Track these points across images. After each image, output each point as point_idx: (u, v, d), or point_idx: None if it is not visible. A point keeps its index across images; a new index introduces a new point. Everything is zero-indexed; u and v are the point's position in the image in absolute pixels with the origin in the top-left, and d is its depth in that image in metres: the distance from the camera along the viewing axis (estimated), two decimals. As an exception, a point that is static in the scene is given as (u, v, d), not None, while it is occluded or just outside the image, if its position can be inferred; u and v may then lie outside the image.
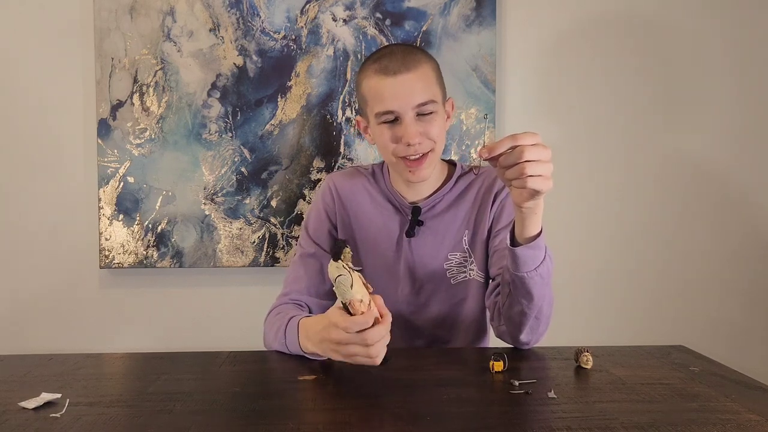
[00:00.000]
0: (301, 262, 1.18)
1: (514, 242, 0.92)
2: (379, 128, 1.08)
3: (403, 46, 1.10)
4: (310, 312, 1.13)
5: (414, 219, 1.15)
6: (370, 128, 1.12)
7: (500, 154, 0.82)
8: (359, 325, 0.80)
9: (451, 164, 1.22)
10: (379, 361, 0.82)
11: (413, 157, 1.07)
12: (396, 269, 1.16)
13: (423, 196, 1.16)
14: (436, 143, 1.08)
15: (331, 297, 1.20)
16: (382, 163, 1.22)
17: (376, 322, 0.80)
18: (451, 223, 1.15)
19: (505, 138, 0.81)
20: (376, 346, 0.81)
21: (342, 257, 0.78)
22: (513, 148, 0.81)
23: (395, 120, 1.06)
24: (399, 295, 1.16)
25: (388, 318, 0.82)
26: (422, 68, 1.06)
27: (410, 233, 1.14)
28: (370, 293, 0.81)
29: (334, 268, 0.79)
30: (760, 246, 1.76)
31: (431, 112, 1.06)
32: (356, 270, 0.80)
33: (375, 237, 1.17)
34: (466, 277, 1.15)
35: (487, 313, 1.17)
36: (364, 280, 0.81)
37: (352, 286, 0.78)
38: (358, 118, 1.17)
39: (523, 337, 1.00)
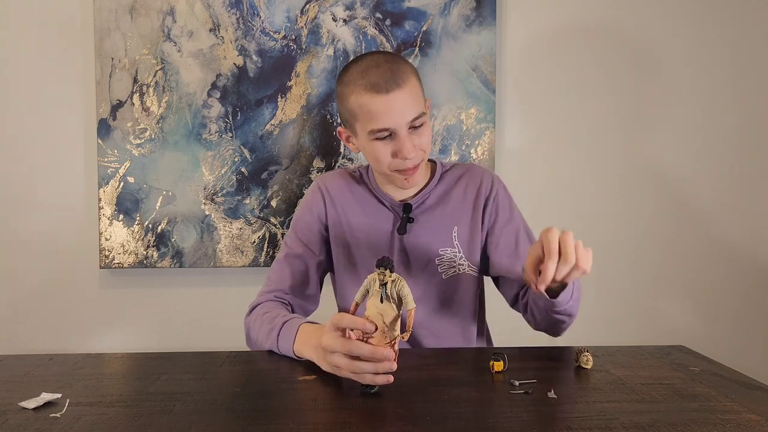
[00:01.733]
0: (287, 261, 1.18)
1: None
2: (371, 144, 1.09)
3: (385, 56, 1.11)
4: (292, 311, 1.14)
5: (405, 216, 1.16)
6: (358, 141, 1.13)
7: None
8: (350, 323, 0.80)
9: (431, 162, 1.24)
10: (362, 379, 0.80)
11: (410, 167, 1.10)
12: None
13: (410, 194, 1.19)
14: (425, 151, 1.12)
15: (314, 300, 1.20)
16: (368, 165, 1.22)
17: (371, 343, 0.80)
18: (441, 218, 1.18)
19: (547, 263, 0.86)
20: (359, 364, 0.79)
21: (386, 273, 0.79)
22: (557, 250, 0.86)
23: (389, 135, 1.07)
24: None
25: (385, 353, 0.79)
26: (410, 81, 1.07)
27: (402, 230, 1.16)
28: (393, 338, 0.79)
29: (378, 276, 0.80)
30: (760, 246, 1.76)
31: (422, 124, 1.08)
32: (394, 301, 0.79)
33: (367, 236, 1.18)
34: (456, 271, 1.16)
35: (476, 312, 1.20)
36: (405, 322, 0.79)
37: (368, 293, 0.80)
38: (341, 128, 1.17)
39: (563, 334, 1.10)
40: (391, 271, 0.79)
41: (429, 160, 1.24)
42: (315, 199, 1.21)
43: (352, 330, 0.82)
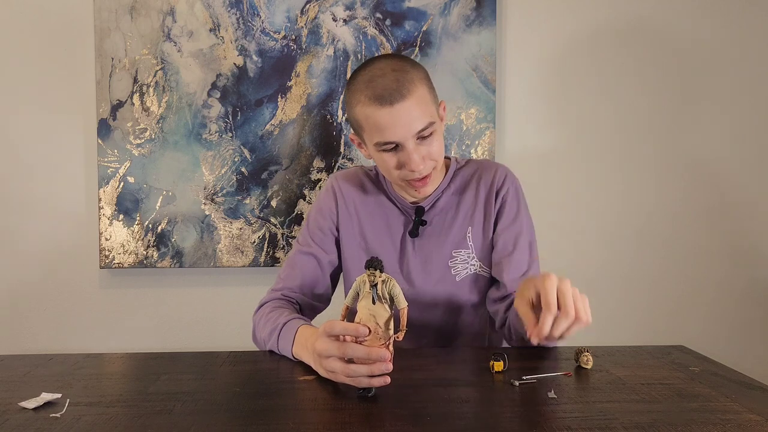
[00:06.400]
0: (297, 259, 1.18)
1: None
2: (379, 155, 1.07)
3: (393, 62, 1.05)
4: (300, 310, 1.13)
5: (417, 219, 1.15)
6: (368, 150, 1.11)
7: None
8: (342, 329, 0.79)
9: (446, 158, 1.22)
10: (358, 383, 0.79)
11: (418, 178, 1.07)
12: (400, 270, 1.16)
13: (424, 195, 1.16)
14: (437, 161, 1.08)
15: (323, 299, 1.20)
16: None
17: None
18: (454, 220, 1.16)
19: (545, 316, 0.81)
20: (354, 367, 0.78)
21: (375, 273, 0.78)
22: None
23: (396, 147, 1.04)
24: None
25: (380, 353, 0.77)
26: (417, 90, 1.02)
27: (414, 233, 1.14)
28: (387, 339, 0.78)
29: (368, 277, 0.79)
30: (759, 245, 1.76)
31: (431, 133, 1.04)
32: (386, 301, 0.78)
33: (379, 238, 1.17)
34: (468, 272, 1.15)
35: (488, 314, 1.17)
36: (400, 323, 0.79)
37: (359, 296, 0.79)
38: (352, 135, 1.15)
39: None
40: (381, 271, 0.78)
41: (445, 157, 1.22)
42: (327, 198, 1.20)
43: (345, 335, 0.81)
